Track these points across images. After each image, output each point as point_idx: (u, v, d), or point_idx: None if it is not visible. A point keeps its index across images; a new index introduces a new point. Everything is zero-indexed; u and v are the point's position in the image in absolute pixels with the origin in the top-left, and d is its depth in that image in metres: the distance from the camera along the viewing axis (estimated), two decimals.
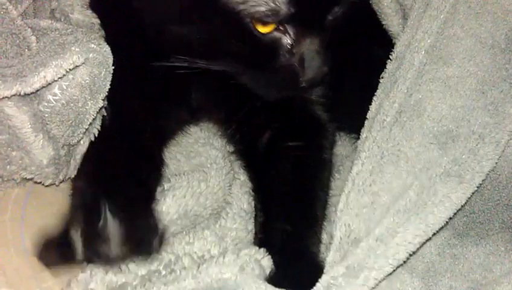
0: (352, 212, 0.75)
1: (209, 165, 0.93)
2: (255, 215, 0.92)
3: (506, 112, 0.77)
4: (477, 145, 0.76)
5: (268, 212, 0.90)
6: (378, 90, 0.85)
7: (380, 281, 0.71)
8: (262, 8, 0.77)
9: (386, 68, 0.85)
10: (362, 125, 0.85)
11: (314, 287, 0.71)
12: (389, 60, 0.86)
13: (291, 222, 0.86)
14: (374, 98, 0.85)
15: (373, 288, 0.70)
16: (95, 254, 0.75)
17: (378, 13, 0.93)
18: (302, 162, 0.93)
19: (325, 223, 0.89)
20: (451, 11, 0.81)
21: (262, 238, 0.88)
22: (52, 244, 0.78)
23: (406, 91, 0.80)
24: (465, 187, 0.75)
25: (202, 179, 0.91)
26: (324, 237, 0.88)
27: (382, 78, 0.85)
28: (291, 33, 0.81)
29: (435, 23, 0.81)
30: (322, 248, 0.87)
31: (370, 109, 0.84)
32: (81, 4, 0.92)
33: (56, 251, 0.78)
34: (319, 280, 0.71)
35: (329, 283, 0.70)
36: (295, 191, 0.91)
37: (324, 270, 0.73)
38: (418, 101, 0.79)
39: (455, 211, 0.74)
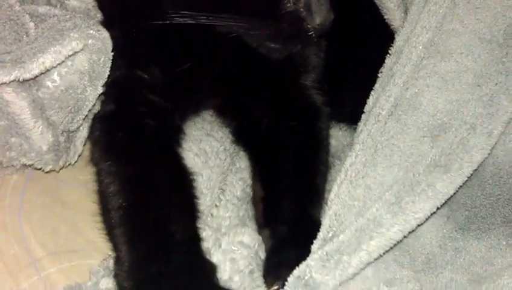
0: (342, 202, 0.75)
1: (213, 158, 0.94)
2: (252, 197, 0.93)
3: (500, 104, 0.76)
4: (467, 135, 0.75)
5: (271, 187, 0.90)
6: (376, 84, 0.84)
7: (361, 269, 0.71)
8: None
9: (384, 62, 0.85)
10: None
11: (292, 273, 0.71)
12: (388, 55, 0.85)
13: (293, 195, 0.87)
14: (372, 92, 0.84)
15: (354, 276, 0.70)
16: None
17: (380, 7, 0.92)
18: (300, 141, 0.92)
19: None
20: (450, 6, 0.80)
21: (266, 212, 0.88)
22: None
23: (402, 85, 0.79)
24: (451, 177, 0.74)
25: (206, 178, 0.92)
26: None
27: (381, 72, 0.85)
28: None
29: (434, 18, 0.80)
30: None
31: (367, 102, 0.84)
32: None
33: None
34: (297, 267, 0.71)
35: (306, 269, 0.70)
36: (296, 168, 0.90)
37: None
38: (414, 95, 0.78)
39: (441, 201, 0.74)
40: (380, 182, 0.74)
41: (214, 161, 0.95)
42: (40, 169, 0.87)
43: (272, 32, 0.82)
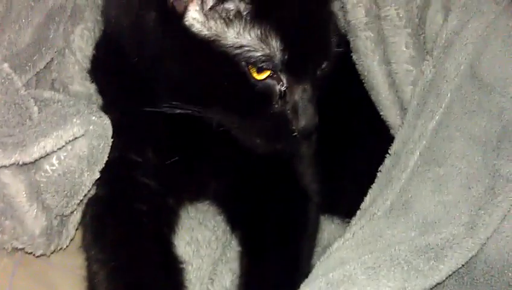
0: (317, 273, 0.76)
1: (205, 247, 0.94)
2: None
3: (486, 202, 0.77)
4: (454, 232, 0.76)
5: (248, 276, 0.90)
6: (374, 184, 0.86)
7: None
8: (258, 53, 0.79)
9: (384, 162, 0.87)
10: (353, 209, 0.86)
11: None
12: (387, 155, 0.87)
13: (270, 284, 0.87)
14: (370, 190, 0.86)
15: None
16: None
17: (376, 104, 0.96)
18: (286, 231, 0.93)
19: None
20: (446, 111, 0.83)
21: None
22: None
23: (398, 191, 0.81)
24: (433, 267, 0.74)
25: (196, 268, 0.92)
26: None
27: (380, 171, 0.87)
28: (284, 81, 0.82)
29: (430, 125, 0.83)
30: None
31: (364, 200, 0.85)
32: (81, 76, 0.94)
33: None
34: None
35: None
36: (276, 261, 0.91)
37: None
38: (407, 200, 0.80)
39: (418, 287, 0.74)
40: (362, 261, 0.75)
41: (205, 251, 0.95)
42: (30, 253, 0.86)
43: (258, 129, 0.86)
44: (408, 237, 0.77)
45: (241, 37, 0.79)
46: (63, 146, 0.81)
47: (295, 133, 0.84)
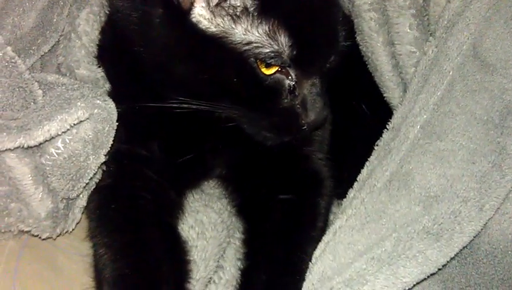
0: (328, 258, 0.76)
1: (210, 229, 0.94)
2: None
3: (493, 179, 0.78)
4: (459, 207, 0.77)
5: (250, 261, 0.91)
6: (371, 157, 0.87)
7: None
8: (266, 50, 0.79)
9: (381, 137, 0.88)
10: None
11: None
12: (385, 130, 0.88)
13: (270, 272, 0.86)
14: (367, 163, 0.86)
15: None
16: None
17: (379, 86, 0.96)
18: (294, 216, 0.93)
19: None
20: (448, 88, 0.83)
21: (241, 286, 0.88)
22: None
23: (398, 162, 0.82)
24: (441, 246, 0.75)
25: (201, 249, 0.91)
26: None
27: (377, 145, 0.87)
28: (293, 75, 0.82)
29: (432, 100, 0.83)
30: None
31: (361, 172, 0.86)
32: (87, 60, 0.94)
33: None
34: None
35: None
36: (282, 244, 0.90)
37: None
38: (408, 172, 0.81)
39: (431, 269, 0.75)
40: (366, 238, 0.76)
41: (210, 233, 0.95)
42: (36, 236, 0.86)
43: (268, 124, 0.86)
44: (412, 213, 0.78)
45: (249, 34, 0.79)
46: (68, 130, 0.81)
47: (304, 127, 0.85)
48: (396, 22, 0.91)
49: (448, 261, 0.77)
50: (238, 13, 0.79)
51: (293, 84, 0.83)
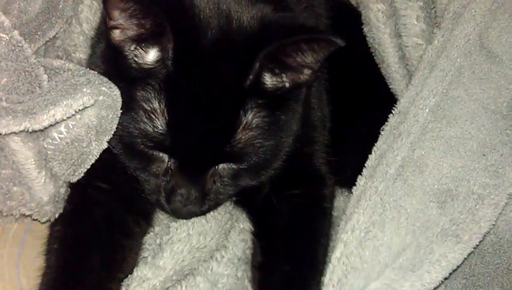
0: (351, 264, 0.75)
1: (211, 214, 0.93)
2: (252, 261, 0.92)
3: (506, 175, 0.78)
4: (476, 205, 0.77)
5: (268, 254, 0.90)
6: (378, 142, 0.86)
7: None
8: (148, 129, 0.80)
9: (387, 121, 0.87)
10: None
11: None
12: (391, 114, 0.88)
13: (291, 264, 0.86)
14: (374, 148, 0.86)
15: None
16: None
17: (386, 77, 0.96)
18: (302, 211, 0.93)
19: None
20: (456, 74, 0.83)
21: (261, 278, 0.88)
22: None
23: (409, 146, 0.81)
24: (462, 247, 0.75)
25: (202, 232, 0.90)
26: None
27: (383, 130, 0.87)
28: (172, 165, 0.84)
29: (441, 84, 0.83)
30: None
31: (369, 158, 0.85)
32: (85, 46, 0.94)
33: None
34: None
35: None
36: (296, 236, 0.90)
37: None
38: (421, 157, 0.80)
39: (451, 271, 0.75)
40: (389, 245, 0.75)
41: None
42: (36, 220, 0.86)
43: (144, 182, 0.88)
44: (428, 210, 0.77)
45: None
46: (73, 115, 0.81)
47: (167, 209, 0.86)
48: (404, 13, 0.92)
49: None
50: None
51: (170, 172, 0.84)
